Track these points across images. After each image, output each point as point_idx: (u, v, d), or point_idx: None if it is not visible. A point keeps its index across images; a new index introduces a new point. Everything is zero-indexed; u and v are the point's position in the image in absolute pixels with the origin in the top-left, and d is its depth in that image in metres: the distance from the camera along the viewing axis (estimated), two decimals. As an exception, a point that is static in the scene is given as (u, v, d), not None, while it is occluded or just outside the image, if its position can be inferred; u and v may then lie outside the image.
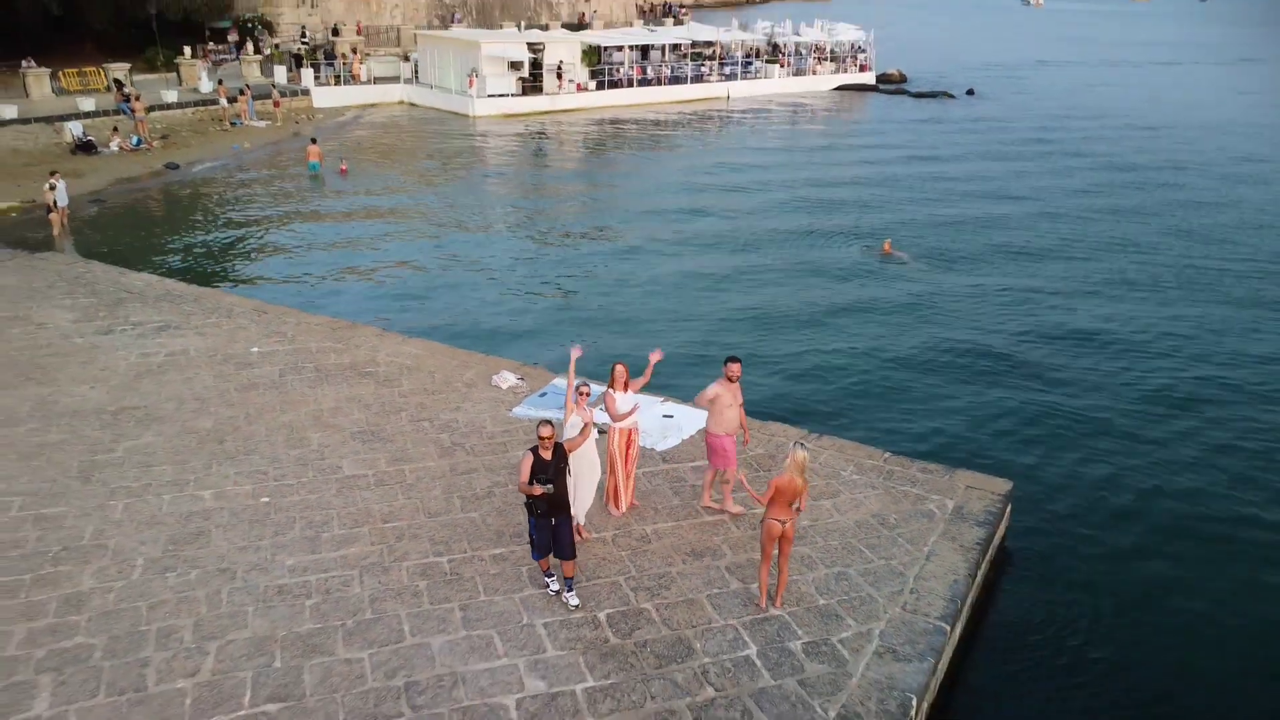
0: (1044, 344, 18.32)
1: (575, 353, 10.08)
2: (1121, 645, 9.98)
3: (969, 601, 9.72)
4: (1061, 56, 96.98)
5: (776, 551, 8.75)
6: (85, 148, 32.79)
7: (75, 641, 8.28)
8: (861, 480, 11.36)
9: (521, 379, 13.95)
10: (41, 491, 10.63)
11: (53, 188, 23.36)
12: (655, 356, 10.08)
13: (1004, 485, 11.39)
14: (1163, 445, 14.34)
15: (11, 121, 34.06)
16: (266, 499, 10.58)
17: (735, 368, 9.96)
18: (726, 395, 9.95)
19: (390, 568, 9.42)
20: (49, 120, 35.04)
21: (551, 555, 8.81)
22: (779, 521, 8.51)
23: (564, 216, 28.62)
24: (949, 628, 8.84)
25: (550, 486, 8.39)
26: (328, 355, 14.70)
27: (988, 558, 10.51)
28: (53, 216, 23.43)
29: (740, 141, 42.91)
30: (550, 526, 8.66)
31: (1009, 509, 11.40)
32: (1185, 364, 17.46)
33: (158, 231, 25.44)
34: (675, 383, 14.20)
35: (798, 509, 8.63)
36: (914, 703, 7.87)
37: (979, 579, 10.13)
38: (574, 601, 8.88)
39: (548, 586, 9.07)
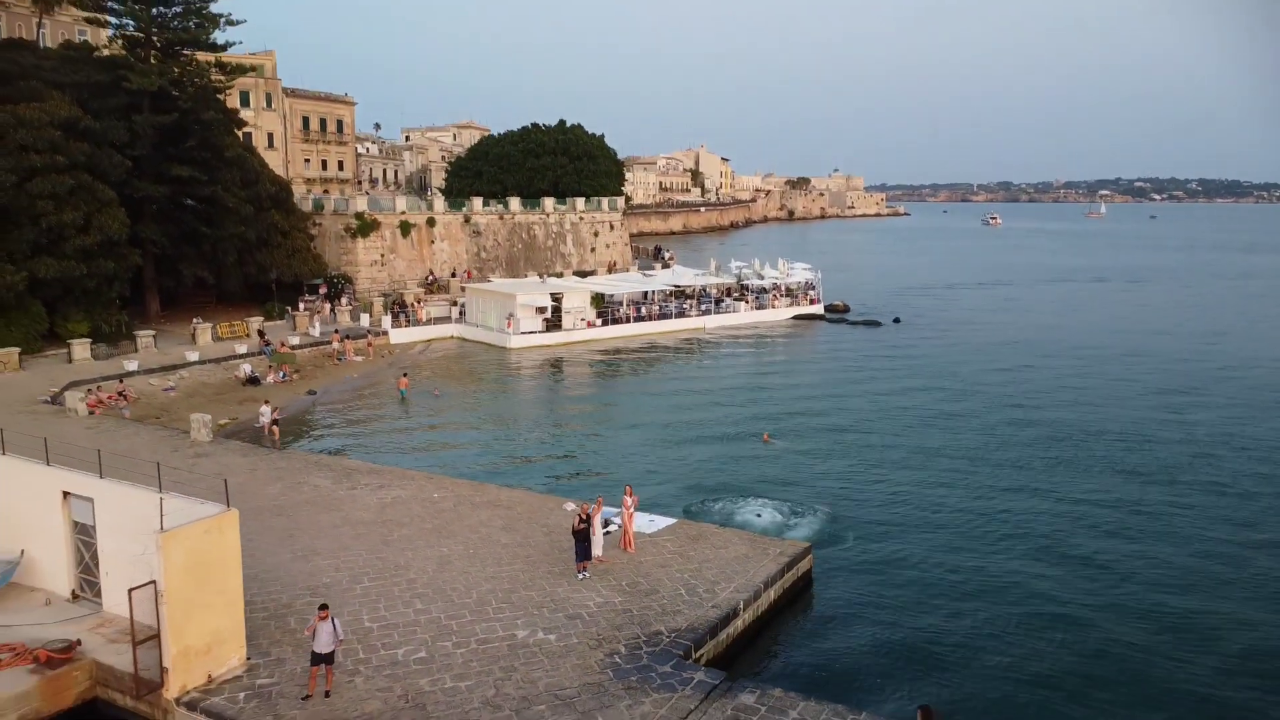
0: (856, 480, 31.86)
1: (599, 501, 23.51)
2: (863, 616, 23.04)
3: (779, 585, 22.77)
4: (994, 278, 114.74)
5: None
6: (252, 381, 47.28)
7: (447, 591, 21.24)
8: (740, 544, 24.57)
9: (575, 506, 27.30)
10: (370, 548, 23.84)
11: (276, 409, 37.49)
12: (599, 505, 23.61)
13: (806, 545, 24.68)
14: (917, 530, 27.63)
15: (194, 363, 48.84)
16: (471, 551, 23.80)
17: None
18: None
19: (534, 570, 22.54)
20: (217, 361, 49.89)
21: (581, 561, 21.99)
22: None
23: (579, 412, 42.95)
24: (764, 587, 21.92)
25: (585, 526, 21.69)
26: (474, 497, 28.12)
27: (794, 572, 23.58)
28: (275, 429, 37.28)
29: (713, 361, 58.04)
30: (582, 547, 21.85)
31: (810, 555, 24.57)
32: (954, 486, 30.87)
33: (327, 435, 39.37)
34: (643, 496, 27.62)
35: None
36: (741, 605, 20.90)
37: (787, 579, 23.18)
38: (587, 575, 21.94)
39: (578, 574, 22.06)
